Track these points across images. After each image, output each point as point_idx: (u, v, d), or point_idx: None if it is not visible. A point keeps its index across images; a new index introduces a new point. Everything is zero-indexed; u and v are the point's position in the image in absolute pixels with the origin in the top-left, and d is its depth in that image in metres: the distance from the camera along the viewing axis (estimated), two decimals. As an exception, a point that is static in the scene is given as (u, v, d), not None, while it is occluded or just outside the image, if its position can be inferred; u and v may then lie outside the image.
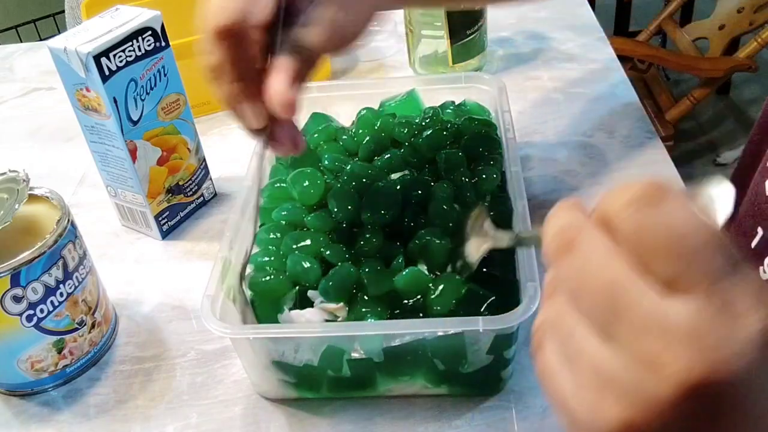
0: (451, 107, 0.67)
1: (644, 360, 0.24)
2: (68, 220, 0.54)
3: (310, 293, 0.52)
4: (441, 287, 0.49)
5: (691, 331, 0.23)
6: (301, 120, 0.67)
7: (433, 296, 0.49)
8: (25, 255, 0.50)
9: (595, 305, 0.25)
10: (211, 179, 0.72)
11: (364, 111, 0.67)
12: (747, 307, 0.23)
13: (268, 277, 0.53)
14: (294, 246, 0.54)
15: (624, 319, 0.24)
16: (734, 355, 0.23)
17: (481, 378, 0.51)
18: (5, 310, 0.50)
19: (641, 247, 0.25)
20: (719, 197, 0.26)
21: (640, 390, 0.24)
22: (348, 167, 0.60)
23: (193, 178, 0.70)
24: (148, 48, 0.61)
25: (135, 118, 0.62)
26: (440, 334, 0.47)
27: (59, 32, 0.68)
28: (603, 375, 0.25)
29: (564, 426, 0.27)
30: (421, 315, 0.49)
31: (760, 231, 0.61)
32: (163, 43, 0.63)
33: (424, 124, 0.64)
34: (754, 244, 0.62)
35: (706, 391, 0.23)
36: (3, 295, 0.50)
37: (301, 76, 0.46)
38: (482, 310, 0.48)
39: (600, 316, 0.25)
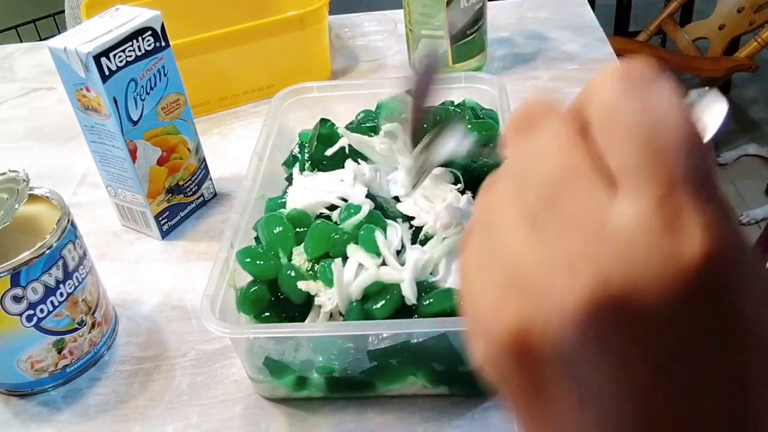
0: (452, 107, 0.67)
1: (562, 261, 0.20)
2: (68, 220, 0.54)
3: None
4: (432, 300, 0.49)
5: (625, 241, 0.19)
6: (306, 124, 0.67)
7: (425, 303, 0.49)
8: (25, 255, 0.50)
9: (534, 195, 0.21)
10: (211, 179, 0.72)
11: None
12: (697, 226, 0.18)
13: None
14: None
15: (559, 211, 0.20)
16: (663, 279, 0.18)
17: (481, 378, 0.50)
18: (5, 310, 0.50)
19: (606, 131, 0.21)
20: (711, 109, 0.23)
21: (547, 294, 0.20)
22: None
23: (193, 178, 0.70)
24: (148, 48, 0.61)
25: (135, 118, 0.62)
26: (437, 333, 0.47)
27: (59, 32, 0.68)
28: (515, 271, 0.21)
29: (469, 335, 0.23)
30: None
31: None
32: (163, 43, 0.63)
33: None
34: None
35: (615, 315, 0.19)
36: (3, 295, 0.50)
37: None
38: None
39: (535, 206, 0.21)
